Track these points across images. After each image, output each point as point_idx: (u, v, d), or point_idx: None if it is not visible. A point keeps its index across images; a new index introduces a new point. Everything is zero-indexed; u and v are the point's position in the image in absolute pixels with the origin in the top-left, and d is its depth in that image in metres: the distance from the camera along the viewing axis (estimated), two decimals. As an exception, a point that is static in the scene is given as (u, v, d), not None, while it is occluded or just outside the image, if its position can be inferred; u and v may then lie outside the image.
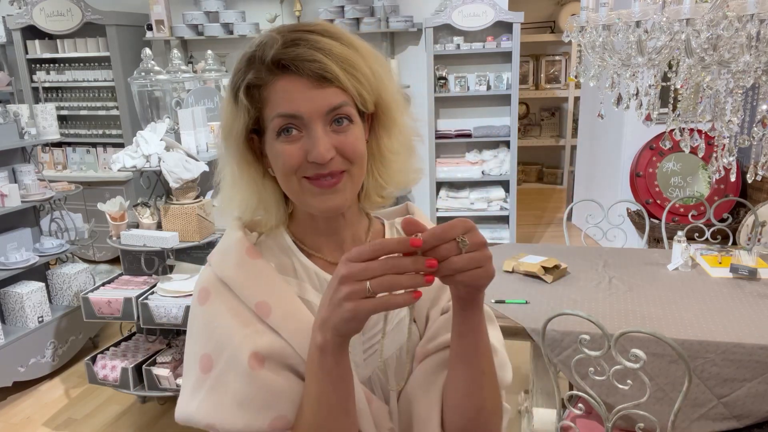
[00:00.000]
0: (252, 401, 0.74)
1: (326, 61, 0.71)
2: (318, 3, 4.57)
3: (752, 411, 1.86)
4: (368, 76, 0.75)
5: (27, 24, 4.70)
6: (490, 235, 4.58)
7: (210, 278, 0.81)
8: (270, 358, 0.75)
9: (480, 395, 0.78)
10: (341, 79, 0.72)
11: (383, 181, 0.83)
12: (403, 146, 0.83)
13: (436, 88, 4.42)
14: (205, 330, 0.79)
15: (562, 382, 2.30)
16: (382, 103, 0.79)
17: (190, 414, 0.77)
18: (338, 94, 0.73)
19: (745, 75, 1.46)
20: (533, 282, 2.36)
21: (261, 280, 0.79)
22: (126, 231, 2.76)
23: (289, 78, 0.72)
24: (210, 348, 0.78)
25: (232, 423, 0.74)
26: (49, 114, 3.43)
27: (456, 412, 0.79)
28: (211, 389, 0.76)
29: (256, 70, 0.74)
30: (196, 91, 3.08)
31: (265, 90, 0.74)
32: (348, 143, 0.75)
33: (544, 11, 6.76)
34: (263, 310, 0.77)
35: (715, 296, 2.18)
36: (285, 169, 0.75)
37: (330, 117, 0.74)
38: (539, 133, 7.11)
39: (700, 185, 4.12)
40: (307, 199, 0.77)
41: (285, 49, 0.72)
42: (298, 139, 0.74)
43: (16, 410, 3.05)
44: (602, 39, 1.65)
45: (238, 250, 0.82)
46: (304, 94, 0.72)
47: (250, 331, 0.76)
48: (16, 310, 3.21)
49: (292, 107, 0.72)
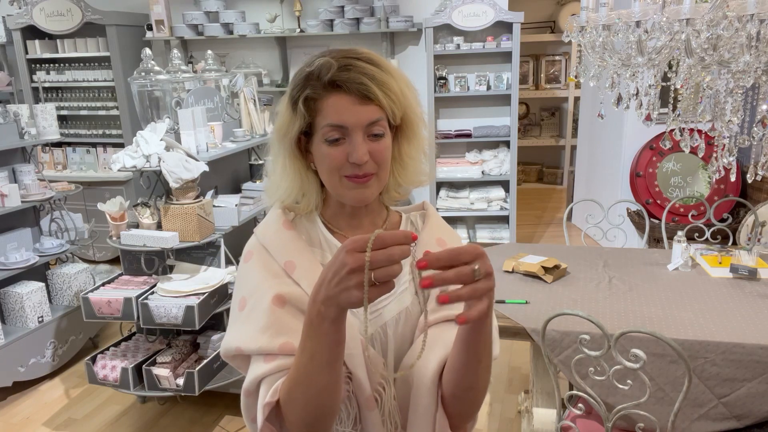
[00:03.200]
0: (268, 329, 0.92)
1: (370, 84, 0.90)
2: (318, 3, 4.57)
3: (752, 411, 1.86)
4: (399, 96, 0.94)
5: (27, 24, 4.70)
6: (490, 235, 4.58)
7: (254, 243, 1.03)
8: (290, 303, 0.94)
9: (473, 377, 0.92)
10: (380, 99, 0.91)
11: (401, 180, 1.03)
12: (418, 152, 1.02)
13: (436, 88, 4.42)
14: (245, 280, 1.00)
15: (562, 382, 2.30)
16: (407, 118, 0.98)
17: (227, 343, 0.96)
18: (376, 111, 0.92)
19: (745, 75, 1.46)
20: (533, 282, 2.36)
21: (291, 245, 1.00)
22: (126, 231, 2.76)
23: (339, 95, 0.91)
24: (246, 292, 0.98)
25: (252, 344, 0.92)
26: (49, 114, 3.43)
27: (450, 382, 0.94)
28: (242, 322, 0.96)
29: (313, 86, 0.92)
30: (196, 91, 3.08)
31: (320, 102, 0.92)
32: (379, 151, 0.94)
33: (544, 11, 6.76)
34: (290, 267, 0.98)
35: (715, 296, 2.18)
36: (330, 167, 0.94)
37: (368, 130, 0.92)
38: (539, 133, 7.11)
39: (700, 185, 4.12)
40: (343, 192, 0.96)
41: (339, 72, 0.90)
42: (342, 144, 0.92)
43: (16, 410, 3.05)
44: (602, 39, 1.65)
45: (277, 222, 1.03)
46: (351, 109, 0.91)
47: (278, 282, 0.96)
48: (16, 310, 3.21)
49: (341, 119, 0.91)
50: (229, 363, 0.99)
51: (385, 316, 1.01)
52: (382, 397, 0.99)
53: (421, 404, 0.97)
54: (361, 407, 0.97)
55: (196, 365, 2.69)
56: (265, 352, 0.92)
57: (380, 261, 0.73)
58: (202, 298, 2.62)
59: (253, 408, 0.94)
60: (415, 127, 0.99)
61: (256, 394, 0.93)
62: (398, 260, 0.73)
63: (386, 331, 1.01)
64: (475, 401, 0.97)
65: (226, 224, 2.89)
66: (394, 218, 1.10)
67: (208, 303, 2.67)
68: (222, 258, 2.86)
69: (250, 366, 0.94)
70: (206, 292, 2.67)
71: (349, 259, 0.74)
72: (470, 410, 0.98)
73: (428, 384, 0.96)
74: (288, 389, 0.87)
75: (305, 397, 0.85)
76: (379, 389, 0.99)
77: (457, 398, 0.95)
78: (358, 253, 0.73)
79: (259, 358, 0.93)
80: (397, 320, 1.02)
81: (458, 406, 0.96)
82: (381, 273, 0.73)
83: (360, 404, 0.97)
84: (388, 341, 1.01)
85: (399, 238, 0.74)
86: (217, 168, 2.97)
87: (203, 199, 2.79)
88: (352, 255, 0.74)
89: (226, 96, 3.40)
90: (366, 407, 0.97)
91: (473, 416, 1.00)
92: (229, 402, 2.97)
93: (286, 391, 0.88)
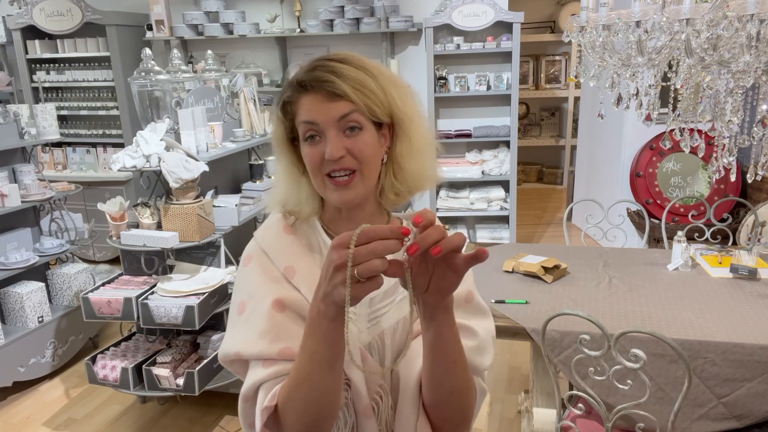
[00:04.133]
0: (268, 333, 0.92)
1: (336, 80, 0.89)
2: (318, 3, 4.57)
3: (752, 411, 1.86)
4: (376, 92, 0.92)
5: (27, 24, 4.70)
6: (490, 235, 4.58)
7: (253, 247, 1.02)
8: (290, 308, 0.94)
9: (452, 380, 0.91)
10: (349, 94, 0.89)
11: (397, 183, 0.99)
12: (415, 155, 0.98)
13: (436, 88, 4.42)
14: (244, 284, 0.99)
15: (562, 382, 2.30)
16: (394, 117, 0.95)
17: (225, 347, 0.96)
18: (347, 106, 0.90)
19: (745, 75, 1.46)
20: (533, 282, 2.36)
21: (291, 250, 0.99)
22: (126, 231, 2.76)
23: (310, 95, 0.91)
24: (245, 296, 0.97)
25: (251, 349, 0.92)
26: (49, 114, 3.43)
27: (429, 389, 0.94)
28: (241, 326, 0.95)
29: (291, 90, 0.94)
30: (196, 91, 3.08)
31: (295, 105, 0.94)
32: (357, 146, 0.91)
33: (544, 11, 6.76)
34: (289, 272, 0.97)
35: (715, 296, 2.18)
36: (311, 166, 0.94)
37: (342, 124, 0.91)
38: (539, 133, 7.11)
39: (700, 185, 4.11)
40: (328, 193, 0.95)
41: (306, 73, 0.92)
42: (319, 143, 0.92)
43: (16, 410, 3.05)
44: (602, 39, 1.65)
45: (276, 227, 1.02)
46: (319, 106, 0.90)
47: (277, 286, 0.96)
48: (16, 310, 3.21)
49: (311, 116, 0.91)
50: (227, 368, 0.98)
51: (383, 324, 1.00)
52: (380, 406, 0.98)
53: (404, 412, 0.96)
54: (359, 415, 0.97)
55: (196, 365, 2.69)
56: (264, 357, 0.91)
57: (362, 256, 0.72)
58: (202, 298, 2.62)
59: (251, 413, 0.93)
60: (405, 126, 0.96)
61: (254, 400, 0.92)
62: (381, 255, 0.72)
63: (384, 339, 1.00)
64: (463, 406, 0.95)
65: (226, 224, 2.89)
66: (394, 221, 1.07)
67: (208, 303, 2.67)
68: (222, 258, 2.86)
69: (249, 371, 0.94)
70: (206, 292, 2.67)
71: (334, 255, 0.74)
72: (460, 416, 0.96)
73: (411, 391, 0.96)
74: (287, 391, 0.87)
75: (305, 399, 0.85)
76: (377, 398, 0.98)
77: (441, 404, 0.94)
78: (343, 249, 0.73)
79: (257, 363, 0.92)
80: (395, 329, 1.01)
81: (445, 412, 0.95)
82: (361, 268, 0.72)
83: (357, 412, 0.96)
84: (386, 349, 1.00)
85: (384, 233, 0.73)
86: (217, 168, 2.97)
87: (203, 199, 2.79)
88: (337, 251, 0.73)
89: (226, 96, 3.40)
90: (363, 415, 0.96)
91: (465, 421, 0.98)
92: (229, 402, 2.97)
93: (286, 393, 0.87)
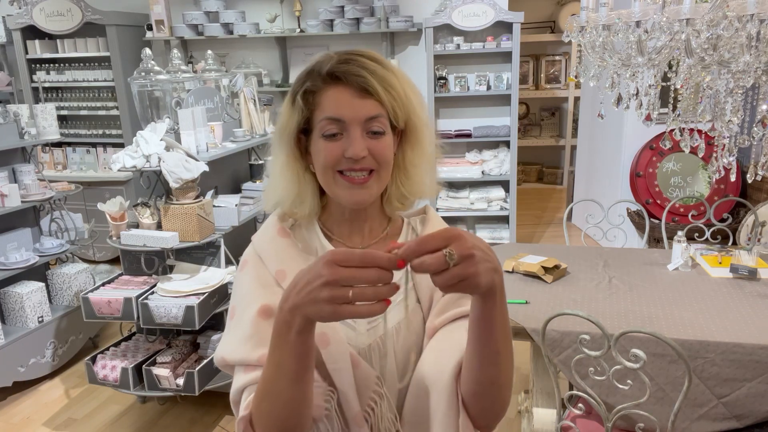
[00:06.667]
0: (250, 340, 0.91)
1: (369, 77, 0.88)
2: (318, 3, 4.57)
3: (752, 411, 1.86)
4: (401, 96, 0.91)
5: (27, 24, 4.70)
6: (490, 235, 4.58)
7: (249, 252, 1.01)
8: None
9: (494, 370, 0.86)
10: (380, 94, 0.88)
11: (404, 190, 0.99)
12: (423, 163, 0.98)
13: (436, 88, 4.42)
14: (238, 289, 0.99)
15: (562, 382, 2.30)
16: (410, 122, 0.95)
17: (216, 351, 0.96)
18: (376, 107, 0.89)
19: (745, 75, 1.46)
20: (533, 282, 2.36)
21: (284, 254, 0.98)
22: (126, 231, 2.76)
23: (338, 87, 0.89)
24: (236, 302, 0.98)
25: (235, 354, 0.92)
26: (49, 114, 3.43)
27: (470, 378, 0.89)
28: (230, 331, 0.96)
29: (313, 80, 0.91)
30: (196, 91, 3.08)
31: (319, 95, 0.91)
32: (379, 148, 0.91)
33: (544, 11, 6.76)
34: (281, 276, 0.96)
35: (715, 296, 2.18)
36: (325, 162, 0.91)
37: (367, 125, 0.89)
38: (539, 133, 7.11)
39: (700, 185, 4.11)
40: (338, 191, 0.93)
41: (338, 64, 0.89)
42: (339, 140, 0.90)
43: (16, 410, 3.05)
44: (602, 39, 1.65)
45: (272, 230, 1.01)
46: (349, 102, 0.88)
47: (265, 292, 0.94)
48: (16, 310, 3.21)
49: (339, 112, 0.89)
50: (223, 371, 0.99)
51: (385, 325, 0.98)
52: (375, 411, 0.95)
53: (440, 410, 0.92)
54: (350, 424, 0.94)
55: (196, 365, 2.69)
56: (245, 363, 0.91)
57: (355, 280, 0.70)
58: (202, 298, 2.62)
59: None
60: (419, 133, 0.96)
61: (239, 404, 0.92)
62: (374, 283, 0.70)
63: (386, 341, 0.98)
64: (500, 398, 0.90)
65: (226, 224, 2.89)
66: (396, 225, 1.06)
67: (208, 303, 2.67)
68: (222, 258, 2.86)
69: (234, 376, 0.94)
70: (206, 292, 2.67)
71: (326, 270, 0.70)
72: (495, 407, 0.91)
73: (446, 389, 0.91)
74: (257, 401, 0.85)
75: (271, 410, 0.83)
76: (371, 404, 0.95)
77: (478, 395, 0.90)
78: (337, 266, 0.70)
79: (240, 369, 0.92)
80: (398, 330, 0.98)
81: (481, 403, 0.91)
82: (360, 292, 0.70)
83: (348, 421, 0.94)
84: (389, 351, 0.98)
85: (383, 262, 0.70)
86: (217, 168, 2.97)
87: (203, 199, 2.79)
88: (330, 267, 0.70)
89: (226, 96, 3.40)
90: (355, 423, 0.94)
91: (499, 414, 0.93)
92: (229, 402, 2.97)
93: (254, 404, 0.86)
